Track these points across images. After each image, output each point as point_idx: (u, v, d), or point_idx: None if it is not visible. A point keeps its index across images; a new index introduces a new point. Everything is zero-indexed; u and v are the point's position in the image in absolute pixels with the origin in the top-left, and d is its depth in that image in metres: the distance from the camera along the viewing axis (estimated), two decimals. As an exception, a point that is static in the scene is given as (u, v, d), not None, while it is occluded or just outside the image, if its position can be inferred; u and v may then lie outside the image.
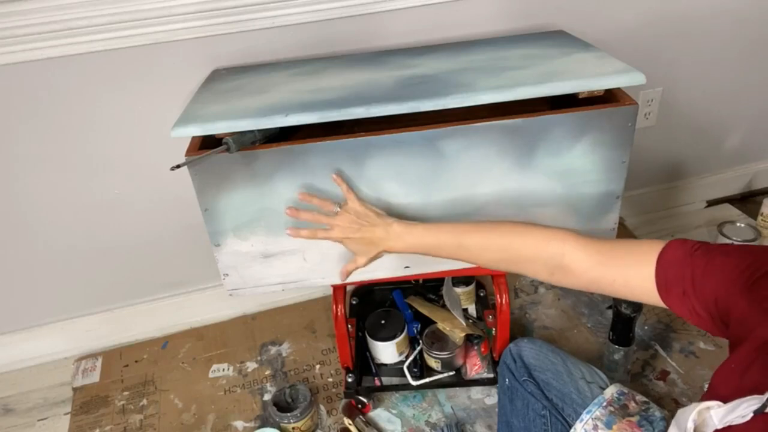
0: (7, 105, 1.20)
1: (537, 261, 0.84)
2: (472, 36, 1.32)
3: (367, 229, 0.93)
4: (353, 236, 0.94)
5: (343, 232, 0.94)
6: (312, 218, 0.95)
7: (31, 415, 1.43)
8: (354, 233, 0.93)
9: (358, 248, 0.95)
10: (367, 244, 0.94)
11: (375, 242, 0.93)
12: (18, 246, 1.39)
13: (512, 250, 0.86)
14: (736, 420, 0.64)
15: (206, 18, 1.18)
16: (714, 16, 1.49)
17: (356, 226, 0.93)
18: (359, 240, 0.94)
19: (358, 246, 0.95)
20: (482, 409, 1.31)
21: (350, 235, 0.94)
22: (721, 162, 1.83)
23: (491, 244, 0.88)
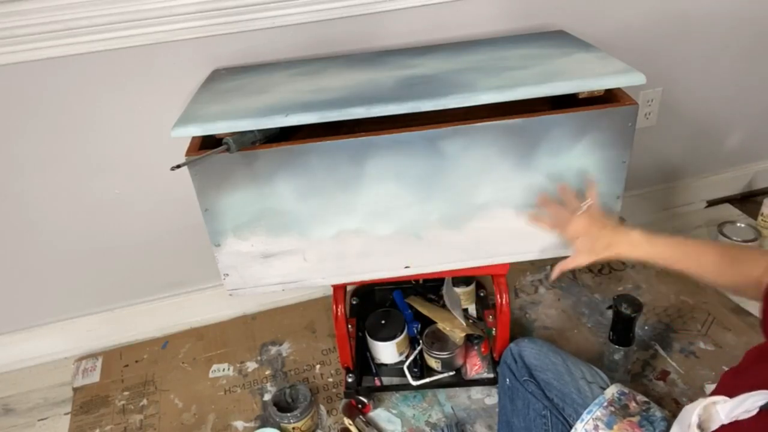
0: (7, 105, 1.20)
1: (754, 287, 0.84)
2: (472, 36, 1.32)
3: (606, 233, 0.95)
4: (593, 236, 0.96)
5: (584, 230, 0.96)
6: (556, 212, 0.99)
7: (31, 415, 1.43)
8: (595, 233, 0.96)
9: (591, 247, 0.97)
10: (604, 246, 0.95)
11: (610, 246, 0.95)
12: (18, 246, 1.39)
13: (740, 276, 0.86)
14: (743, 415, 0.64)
15: (206, 18, 1.18)
16: (714, 16, 1.49)
17: (599, 226, 0.95)
18: (597, 240, 0.96)
19: (589, 246, 0.97)
20: (482, 409, 1.31)
21: (591, 232, 0.96)
22: (721, 162, 1.83)
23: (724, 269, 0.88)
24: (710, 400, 0.69)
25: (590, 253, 0.97)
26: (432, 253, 1.08)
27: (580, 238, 0.97)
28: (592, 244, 0.97)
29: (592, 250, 0.97)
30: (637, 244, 0.94)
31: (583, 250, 0.98)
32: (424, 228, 1.04)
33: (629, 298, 1.22)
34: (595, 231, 0.96)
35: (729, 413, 0.66)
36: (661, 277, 1.59)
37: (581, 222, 0.97)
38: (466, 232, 1.05)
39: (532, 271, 1.67)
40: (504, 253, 1.10)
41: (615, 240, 0.95)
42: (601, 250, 0.96)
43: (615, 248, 0.95)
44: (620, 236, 0.95)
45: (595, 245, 0.96)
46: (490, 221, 1.04)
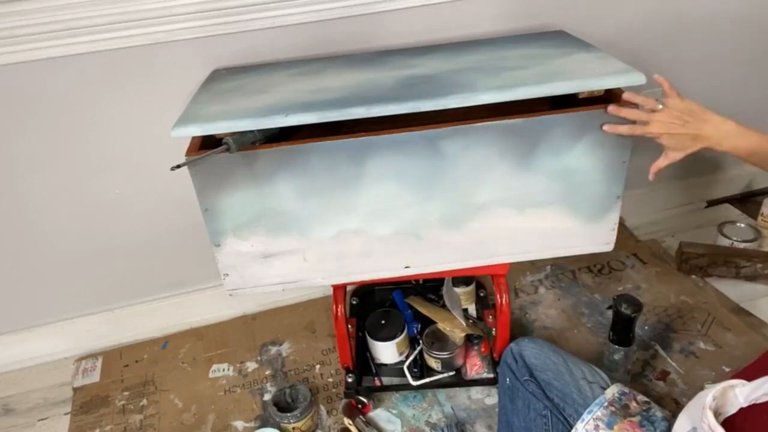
0: (7, 105, 1.20)
1: None
2: (472, 36, 1.32)
3: (694, 125, 0.92)
4: (676, 132, 0.93)
5: (665, 127, 0.93)
6: (633, 115, 0.94)
7: (31, 415, 1.43)
8: (677, 129, 0.93)
9: (678, 143, 0.94)
10: (691, 139, 0.93)
11: (701, 138, 0.93)
12: (18, 246, 1.39)
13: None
14: (762, 397, 0.64)
15: (206, 18, 1.18)
16: (714, 15, 1.49)
17: (680, 122, 0.92)
18: (682, 136, 0.93)
19: (678, 141, 0.94)
20: (482, 409, 1.31)
21: (672, 131, 0.93)
22: (721, 162, 1.83)
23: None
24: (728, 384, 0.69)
25: (677, 149, 0.95)
26: (432, 253, 1.08)
27: (664, 135, 0.94)
28: (678, 141, 0.94)
29: (678, 146, 0.95)
30: (730, 136, 0.92)
31: (671, 147, 0.96)
32: (424, 228, 1.04)
33: (629, 298, 1.22)
34: (678, 127, 0.93)
35: (748, 396, 0.66)
36: (661, 277, 1.60)
37: (663, 119, 0.93)
38: (466, 232, 1.05)
39: (532, 271, 1.67)
40: (504, 253, 1.10)
41: (706, 133, 0.92)
42: (689, 144, 0.94)
43: (707, 141, 0.93)
44: (709, 127, 0.92)
45: (683, 141, 0.94)
46: (490, 221, 1.04)
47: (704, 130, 0.92)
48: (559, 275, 1.65)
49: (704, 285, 1.56)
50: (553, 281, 1.63)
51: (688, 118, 0.93)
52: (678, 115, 0.93)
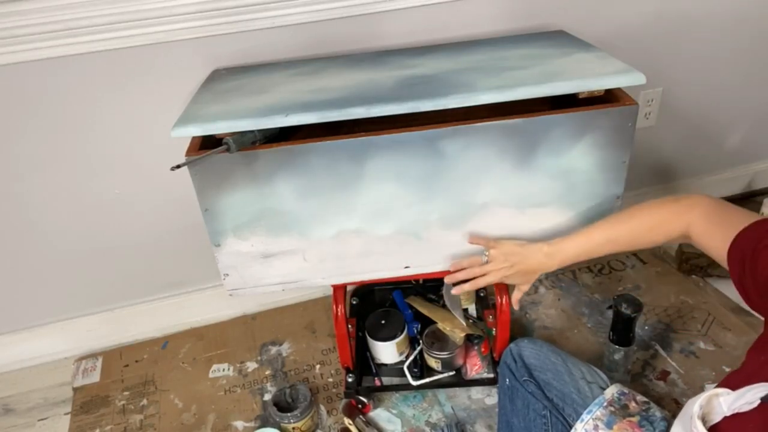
0: (7, 105, 1.20)
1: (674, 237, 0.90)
2: (472, 36, 1.32)
3: (520, 264, 1.00)
4: (509, 274, 1.01)
5: (499, 274, 1.02)
6: (467, 274, 1.04)
7: (31, 415, 1.43)
8: (509, 272, 1.01)
9: (518, 280, 1.04)
10: (524, 274, 1.02)
11: (532, 270, 1.01)
12: (18, 246, 1.39)
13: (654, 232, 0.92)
14: (744, 407, 0.65)
15: (206, 18, 1.18)
16: (714, 15, 1.49)
17: (508, 264, 1.01)
18: (516, 274, 1.02)
19: (517, 278, 1.04)
20: (482, 409, 1.31)
21: (507, 274, 1.01)
22: (721, 162, 1.83)
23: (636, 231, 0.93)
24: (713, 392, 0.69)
25: (522, 283, 1.05)
26: (432, 253, 1.08)
27: (508, 276, 1.02)
28: (516, 278, 1.03)
29: (520, 281, 1.05)
30: (551, 257, 0.98)
31: (517, 282, 1.05)
32: (424, 228, 1.04)
33: (629, 298, 1.22)
34: (508, 269, 1.01)
35: (731, 405, 0.66)
36: (661, 277, 1.60)
37: (494, 268, 1.01)
38: (466, 232, 1.05)
39: (532, 271, 1.67)
40: (504, 253, 1.10)
41: (532, 265, 1.00)
42: (527, 277, 1.03)
43: (538, 269, 1.01)
44: (534, 259, 0.99)
45: (519, 277, 1.03)
46: (490, 221, 1.04)
47: (529, 263, 1.00)
48: (559, 275, 1.65)
49: (704, 285, 1.56)
50: (553, 281, 1.63)
51: (512, 259, 1.00)
52: (503, 260, 1.01)
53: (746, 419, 0.65)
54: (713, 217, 0.84)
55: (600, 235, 0.95)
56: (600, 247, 0.96)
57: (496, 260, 1.01)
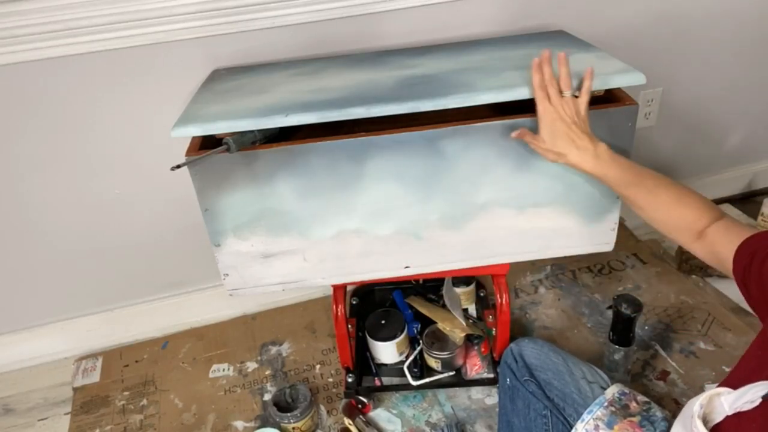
0: (7, 105, 1.20)
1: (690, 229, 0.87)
2: (472, 36, 1.32)
3: (577, 130, 0.90)
4: (559, 124, 0.90)
5: (558, 113, 0.90)
6: (549, 78, 0.91)
7: (31, 415, 1.43)
8: (562, 123, 0.90)
9: (553, 136, 0.91)
10: (565, 140, 0.90)
11: (574, 146, 0.90)
12: (18, 246, 1.39)
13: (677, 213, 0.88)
14: (746, 405, 0.65)
15: (206, 18, 1.18)
16: (714, 16, 1.49)
17: (569, 120, 0.90)
18: (562, 132, 0.90)
19: (554, 134, 0.91)
20: (482, 409, 1.31)
21: (558, 121, 0.90)
22: (721, 162, 1.83)
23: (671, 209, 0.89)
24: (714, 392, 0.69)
25: (552, 143, 0.91)
26: (432, 253, 1.08)
27: (554, 122, 0.90)
28: (553, 137, 0.91)
29: (550, 145, 0.92)
30: (600, 158, 0.90)
31: (548, 136, 0.92)
32: (424, 228, 1.04)
33: (629, 298, 1.22)
34: (562, 127, 0.90)
35: (732, 404, 0.66)
36: (661, 277, 1.60)
37: (563, 106, 0.90)
38: (466, 232, 1.05)
39: (532, 271, 1.67)
40: (504, 253, 1.10)
41: (581, 143, 0.90)
42: (558, 149, 0.91)
43: (576, 152, 0.90)
44: (585, 144, 0.90)
45: (556, 140, 0.91)
46: (490, 221, 1.04)
47: (582, 140, 0.90)
48: (559, 275, 1.65)
49: (704, 285, 1.56)
50: (553, 281, 1.63)
51: (579, 121, 0.90)
52: (573, 113, 0.90)
53: (748, 418, 0.65)
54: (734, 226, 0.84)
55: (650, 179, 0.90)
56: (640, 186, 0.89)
57: (571, 106, 0.90)
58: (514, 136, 0.94)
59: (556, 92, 0.90)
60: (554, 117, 0.90)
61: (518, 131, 0.94)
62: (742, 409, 0.65)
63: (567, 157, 0.91)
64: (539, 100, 0.90)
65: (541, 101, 0.90)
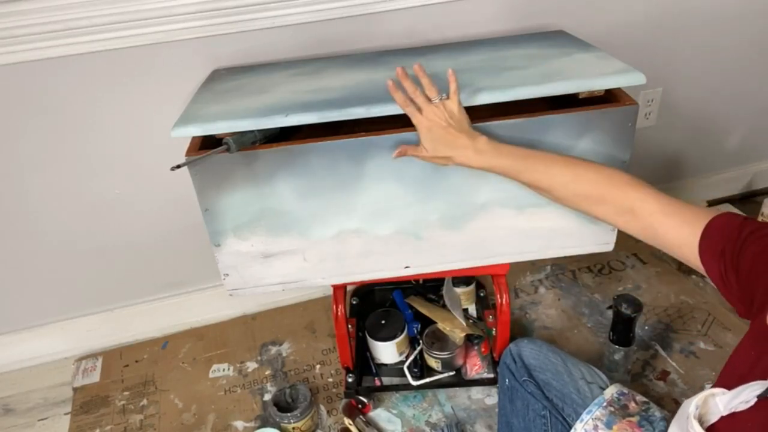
0: (7, 105, 1.20)
1: (612, 203, 0.85)
2: (472, 36, 1.32)
3: (453, 132, 0.90)
4: (436, 130, 0.90)
5: (430, 120, 0.90)
6: (412, 91, 0.91)
7: (31, 415, 1.43)
8: (439, 128, 0.90)
9: (433, 144, 0.91)
10: (444, 144, 0.91)
11: (454, 147, 0.90)
12: (18, 246, 1.39)
13: (590, 187, 0.86)
14: (741, 406, 0.65)
15: (206, 18, 1.18)
16: (714, 16, 1.49)
17: (444, 123, 0.90)
18: (439, 137, 0.91)
19: (434, 141, 0.91)
20: (482, 409, 1.31)
21: (433, 128, 0.90)
22: (721, 162, 1.83)
23: (574, 178, 0.87)
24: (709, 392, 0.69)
25: (433, 149, 0.92)
26: (432, 253, 1.08)
27: (430, 131, 0.91)
28: (433, 144, 0.91)
29: (433, 152, 0.92)
30: (481, 152, 0.90)
31: (428, 144, 0.92)
32: (424, 228, 1.04)
33: (629, 298, 1.22)
34: (439, 132, 0.90)
35: (727, 404, 0.66)
36: (661, 277, 1.60)
37: (433, 112, 0.90)
38: (466, 232, 1.05)
39: (532, 271, 1.67)
40: (504, 253, 1.10)
41: (461, 142, 0.90)
42: (441, 154, 0.92)
43: (459, 152, 0.91)
44: (464, 142, 0.90)
45: (436, 146, 0.91)
46: (490, 221, 1.04)
47: (460, 139, 0.90)
48: (559, 275, 1.65)
49: (704, 285, 1.56)
50: (553, 281, 1.63)
51: (453, 123, 0.90)
52: (446, 116, 0.90)
53: (743, 418, 0.65)
54: (665, 203, 0.80)
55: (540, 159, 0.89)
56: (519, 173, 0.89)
57: (441, 110, 0.90)
58: (394, 156, 0.95)
59: (424, 101, 0.91)
60: (429, 125, 0.90)
61: (398, 149, 0.94)
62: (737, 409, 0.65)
63: (452, 159, 0.92)
64: (411, 114, 0.91)
65: (412, 114, 0.91)
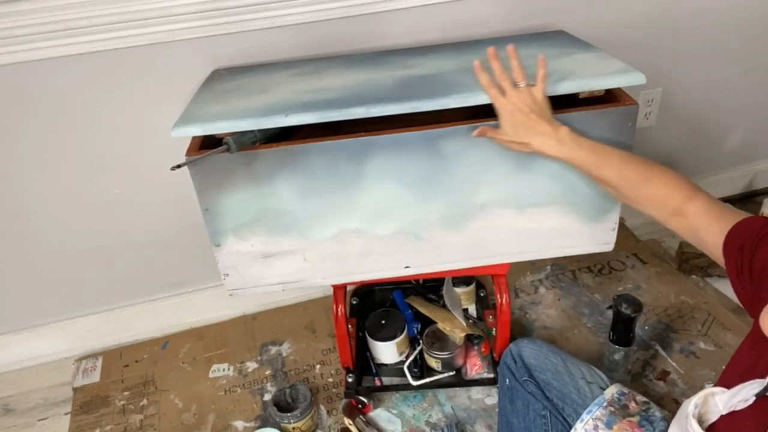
0: (7, 105, 1.20)
1: (665, 206, 0.86)
2: (472, 36, 1.32)
3: (536, 118, 0.90)
4: (518, 115, 0.90)
5: (513, 105, 0.90)
6: (499, 73, 0.92)
7: (31, 415, 1.43)
8: (520, 113, 0.90)
9: (514, 128, 0.91)
10: (526, 129, 0.90)
11: (535, 133, 0.90)
12: (18, 246, 1.39)
13: (657, 190, 0.86)
14: (740, 405, 0.65)
15: (206, 18, 1.18)
16: (714, 16, 1.49)
17: (527, 109, 0.90)
18: (521, 122, 0.90)
19: (515, 126, 0.91)
20: (482, 409, 1.31)
21: (515, 112, 0.90)
22: (721, 162, 1.83)
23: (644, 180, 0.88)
24: (708, 391, 0.69)
25: (512, 134, 0.92)
26: (432, 253, 1.08)
27: (512, 115, 0.91)
28: (514, 129, 0.91)
29: (512, 136, 0.92)
30: (563, 142, 0.90)
31: (508, 128, 0.92)
32: (424, 228, 1.04)
33: (629, 298, 1.22)
34: (521, 117, 0.90)
35: (726, 403, 0.66)
36: (661, 277, 1.60)
37: (517, 97, 0.90)
38: (466, 232, 1.05)
39: (532, 271, 1.67)
40: (504, 253, 1.10)
41: (542, 129, 0.90)
42: (520, 139, 0.91)
43: (538, 139, 0.90)
44: (545, 129, 0.90)
45: (517, 131, 0.91)
46: (490, 221, 1.04)
47: (542, 126, 0.90)
48: (559, 275, 1.65)
49: (704, 285, 1.56)
50: (553, 281, 1.63)
51: (536, 109, 0.90)
52: (530, 102, 0.90)
53: (742, 417, 0.65)
54: (713, 206, 0.81)
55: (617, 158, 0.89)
56: (607, 166, 0.89)
57: (526, 95, 0.90)
58: (475, 135, 0.94)
59: (510, 85, 0.91)
60: (511, 109, 0.90)
61: (479, 129, 0.94)
62: (737, 408, 0.66)
63: (530, 145, 0.91)
64: (493, 97, 0.91)
65: (495, 97, 0.91)
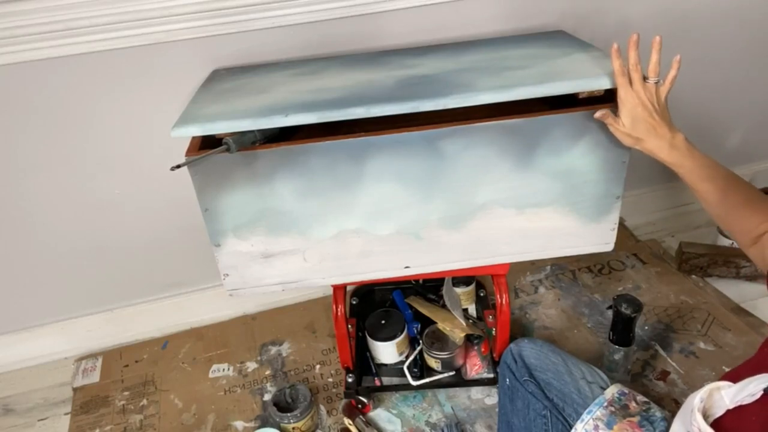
0: (7, 105, 1.20)
1: (749, 233, 0.87)
2: (472, 36, 1.32)
3: (657, 118, 0.90)
4: (640, 110, 0.90)
5: (639, 99, 0.90)
6: (634, 62, 0.92)
7: (31, 415, 1.43)
8: (644, 109, 0.90)
9: (633, 122, 0.91)
10: (644, 126, 0.91)
11: (652, 132, 0.90)
12: (18, 246, 1.39)
13: (752, 216, 0.87)
14: (746, 399, 0.65)
15: (206, 18, 1.18)
16: (715, 15, 1.49)
17: (651, 107, 0.90)
18: (642, 118, 0.90)
19: (635, 120, 0.91)
20: (482, 409, 1.31)
21: (638, 107, 0.90)
22: (721, 162, 1.82)
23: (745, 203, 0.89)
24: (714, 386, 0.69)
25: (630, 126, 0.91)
26: (432, 253, 1.08)
27: (635, 108, 0.90)
28: (633, 122, 0.91)
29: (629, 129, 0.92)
30: (677, 148, 0.90)
31: (628, 121, 0.92)
32: (424, 228, 1.04)
33: (629, 298, 1.22)
34: (642, 113, 0.90)
35: (733, 398, 0.66)
36: (661, 277, 1.60)
37: (645, 92, 0.90)
38: (466, 232, 1.05)
39: (532, 271, 1.67)
40: (504, 253, 1.10)
41: (660, 131, 0.90)
42: (637, 134, 0.91)
43: (654, 140, 0.91)
44: (663, 131, 0.90)
45: (636, 125, 0.91)
46: (490, 221, 1.04)
47: (662, 127, 0.91)
48: (559, 275, 1.65)
49: (704, 285, 1.56)
50: (553, 281, 1.63)
51: (659, 109, 0.91)
52: (654, 100, 0.91)
53: (749, 411, 0.65)
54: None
55: (723, 176, 0.91)
56: (712, 181, 0.90)
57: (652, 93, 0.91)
58: (597, 117, 0.94)
59: (640, 78, 0.91)
60: (635, 102, 0.90)
61: (602, 112, 0.93)
62: (743, 403, 0.65)
63: (644, 143, 0.91)
64: (621, 85, 0.91)
65: (622, 87, 0.91)
